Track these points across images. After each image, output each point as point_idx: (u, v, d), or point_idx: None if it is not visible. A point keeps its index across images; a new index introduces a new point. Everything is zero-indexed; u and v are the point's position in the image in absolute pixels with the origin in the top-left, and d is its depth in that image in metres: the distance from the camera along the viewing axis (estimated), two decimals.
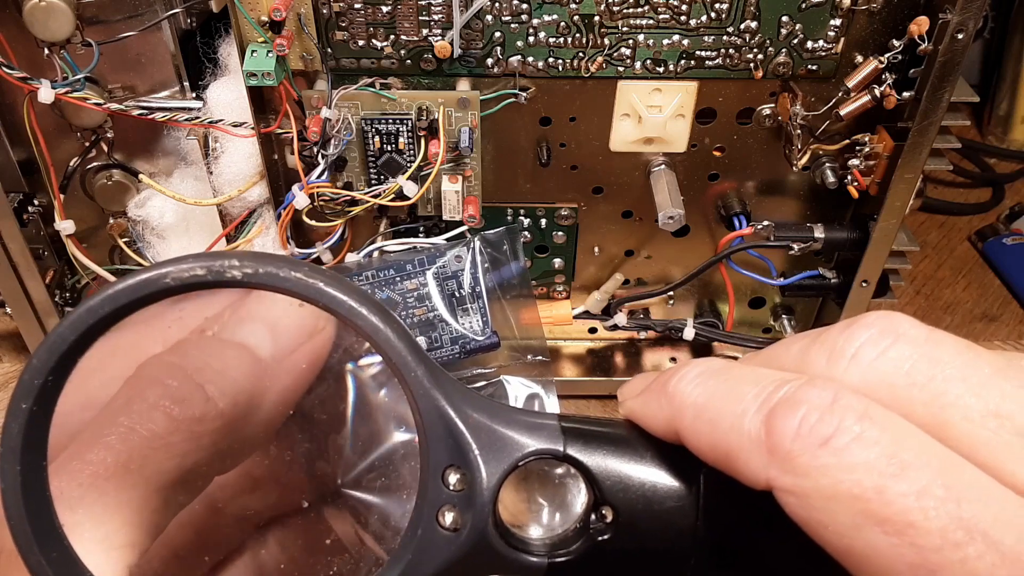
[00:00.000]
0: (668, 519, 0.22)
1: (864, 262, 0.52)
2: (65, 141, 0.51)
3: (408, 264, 0.50)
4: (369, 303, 0.21)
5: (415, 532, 0.21)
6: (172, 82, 0.50)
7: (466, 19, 0.45)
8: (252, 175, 0.50)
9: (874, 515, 0.17)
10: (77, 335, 0.20)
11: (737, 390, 0.20)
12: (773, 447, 0.18)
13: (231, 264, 0.20)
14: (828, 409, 0.18)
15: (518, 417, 0.22)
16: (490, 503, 0.21)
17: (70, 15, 0.45)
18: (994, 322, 0.69)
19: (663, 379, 0.22)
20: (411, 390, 0.21)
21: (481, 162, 0.51)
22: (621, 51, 0.47)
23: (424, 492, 0.22)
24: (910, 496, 0.16)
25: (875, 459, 0.17)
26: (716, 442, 0.20)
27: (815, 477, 0.17)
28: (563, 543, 0.22)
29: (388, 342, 0.21)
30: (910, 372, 0.19)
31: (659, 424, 0.22)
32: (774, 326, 0.62)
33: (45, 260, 0.56)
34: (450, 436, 0.21)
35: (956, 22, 0.42)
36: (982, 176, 0.83)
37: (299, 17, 0.45)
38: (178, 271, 0.20)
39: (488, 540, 0.22)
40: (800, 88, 0.48)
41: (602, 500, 0.22)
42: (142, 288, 0.20)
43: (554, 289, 0.60)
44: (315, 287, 0.20)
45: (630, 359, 0.62)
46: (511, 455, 0.22)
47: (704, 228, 0.56)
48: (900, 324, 0.20)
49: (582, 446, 0.22)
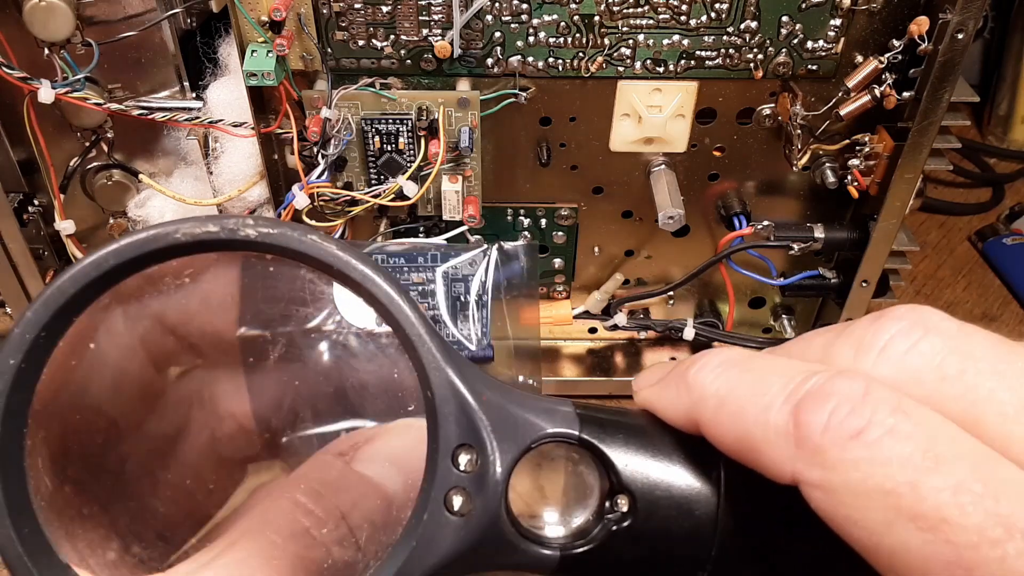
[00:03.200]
0: (687, 508, 0.21)
1: (864, 262, 0.52)
2: (65, 141, 0.51)
3: (420, 256, 0.49)
4: (383, 273, 0.20)
5: (421, 516, 0.20)
6: (172, 82, 0.50)
7: (466, 19, 0.45)
8: (252, 175, 0.50)
9: (907, 511, 0.16)
10: (77, 288, 0.18)
11: (762, 381, 0.19)
12: (801, 440, 0.17)
13: (245, 223, 0.19)
14: (860, 401, 0.17)
15: (533, 400, 0.22)
16: (502, 486, 0.20)
17: (70, 15, 0.45)
18: (994, 322, 0.69)
19: (682, 368, 0.21)
20: (423, 363, 0.20)
21: (481, 162, 0.51)
22: (621, 51, 0.47)
23: (432, 473, 0.20)
24: (946, 491, 0.16)
25: (909, 453, 0.16)
26: (740, 434, 0.19)
27: (845, 471, 0.17)
28: (578, 533, 0.21)
29: (401, 311, 0.20)
30: (941, 366, 0.18)
31: (678, 414, 0.21)
32: (774, 326, 0.62)
33: (45, 260, 0.56)
34: (462, 413, 0.20)
35: (956, 22, 0.42)
36: (982, 176, 0.83)
37: (299, 17, 0.45)
38: (190, 227, 0.19)
39: (499, 527, 0.20)
40: (800, 88, 0.48)
41: (619, 487, 0.21)
42: (151, 243, 0.19)
43: (554, 289, 0.60)
44: (330, 251, 0.20)
45: (630, 359, 0.62)
46: (525, 437, 0.21)
47: (704, 228, 0.56)
48: (930, 317, 0.19)
49: (598, 431, 0.21)
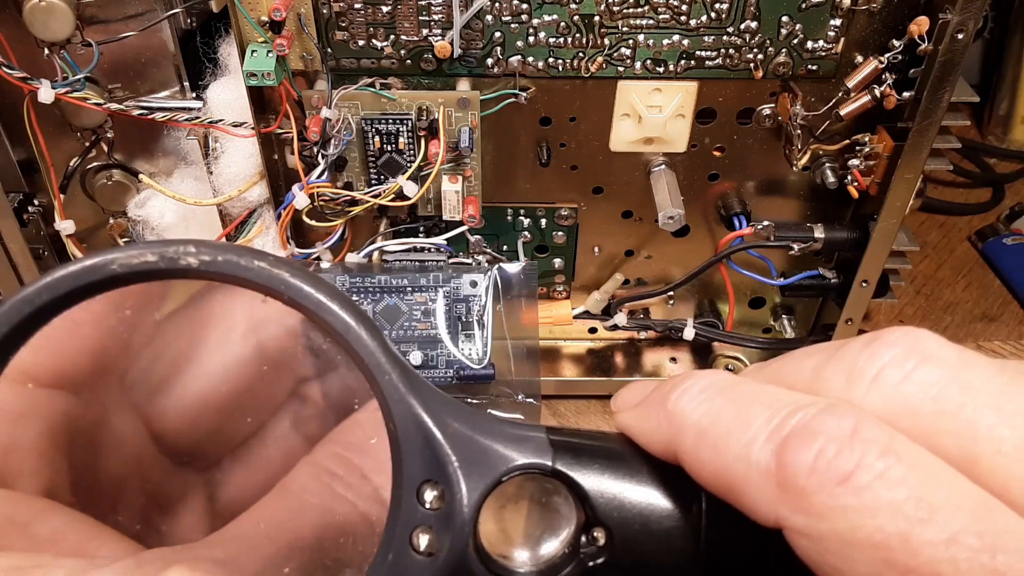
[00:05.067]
0: (666, 543, 0.19)
1: (864, 262, 0.52)
2: (65, 141, 0.51)
3: (423, 278, 0.50)
4: (340, 298, 0.19)
5: (385, 557, 0.19)
6: (172, 82, 0.50)
7: (466, 19, 0.45)
8: (252, 175, 0.50)
9: (898, 565, 0.15)
10: (9, 327, 0.18)
11: (746, 413, 0.18)
12: (785, 482, 0.16)
13: (186, 251, 0.18)
14: (848, 441, 0.16)
15: (502, 428, 0.20)
16: (470, 524, 0.19)
17: (70, 15, 0.45)
18: (994, 322, 0.69)
19: (662, 392, 0.20)
20: (384, 395, 0.19)
21: (481, 162, 0.51)
22: (621, 51, 0.47)
23: (396, 511, 0.19)
24: (939, 545, 0.15)
25: (901, 501, 0.15)
26: (720, 471, 0.18)
27: (832, 519, 0.16)
28: (551, 570, 0.20)
29: (359, 341, 0.19)
30: (938, 398, 0.17)
31: (657, 443, 0.20)
32: (774, 326, 0.62)
33: (45, 260, 0.56)
34: (427, 447, 0.19)
35: (956, 22, 0.42)
36: (982, 176, 0.83)
37: (299, 17, 0.45)
38: (126, 257, 0.18)
39: (468, 565, 0.19)
40: (800, 88, 0.48)
41: (594, 521, 0.20)
42: (86, 275, 0.18)
43: (554, 289, 0.60)
44: (280, 278, 0.18)
45: (630, 359, 0.62)
46: (494, 470, 0.19)
47: (704, 228, 0.56)
48: (927, 343, 0.18)
49: (572, 461, 0.20)
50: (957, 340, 0.70)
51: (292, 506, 0.22)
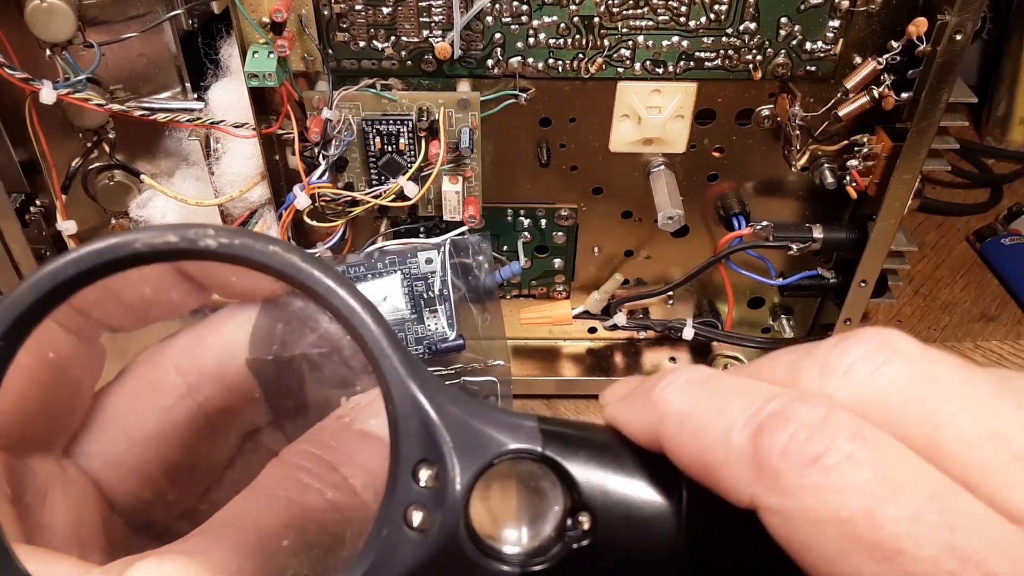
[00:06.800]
0: (648, 528, 0.20)
1: (863, 262, 0.52)
2: (67, 142, 0.52)
3: (379, 263, 0.51)
4: (346, 284, 0.20)
5: (380, 532, 0.20)
6: (174, 83, 0.50)
7: (466, 20, 0.45)
8: (253, 176, 0.50)
9: (862, 540, 0.16)
10: (36, 297, 0.18)
11: (724, 402, 0.19)
12: (759, 464, 0.17)
13: (206, 233, 0.19)
14: (819, 427, 0.17)
15: (495, 415, 0.21)
16: (462, 503, 0.20)
17: (71, 16, 0.45)
18: (992, 322, 0.69)
19: (647, 385, 0.21)
20: (385, 378, 0.20)
21: (481, 163, 0.51)
22: (621, 52, 0.48)
23: (392, 489, 0.20)
24: (902, 521, 0.16)
25: (866, 481, 0.16)
26: (699, 455, 0.19)
27: (802, 497, 0.17)
28: (538, 551, 0.21)
29: (364, 325, 0.20)
30: (904, 390, 0.18)
31: (641, 432, 0.21)
32: (773, 326, 0.62)
33: (47, 261, 0.56)
34: (423, 429, 0.20)
35: (954, 23, 0.42)
36: (980, 177, 0.84)
37: (300, 18, 0.45)
38: (149, 236, 0.19)
39: (458, 544, 0.20)
40: (799, 89, 0.48)
41: (580, 505, 0.21)
42: (110, 252, 0.19)
43: (554, 289, 0.60)
44: (291, 262, 0.19)
45: (630, 359, 0.62)
46: (487, 453, 0.20)
47: (703, 228, 0.56)
48: (896, 340, 0.19)
49: (561, 447, 0.21)
50: (955, 340, 0.70)
51: (260, 500, 0.23)
